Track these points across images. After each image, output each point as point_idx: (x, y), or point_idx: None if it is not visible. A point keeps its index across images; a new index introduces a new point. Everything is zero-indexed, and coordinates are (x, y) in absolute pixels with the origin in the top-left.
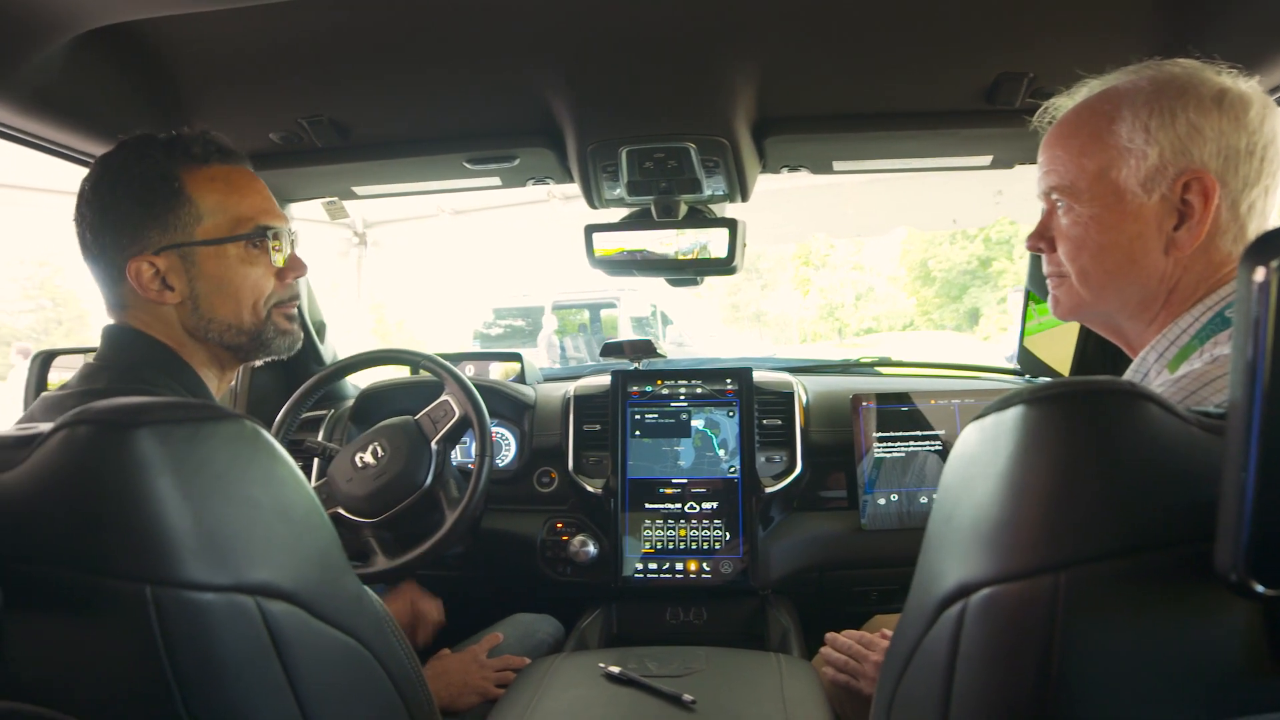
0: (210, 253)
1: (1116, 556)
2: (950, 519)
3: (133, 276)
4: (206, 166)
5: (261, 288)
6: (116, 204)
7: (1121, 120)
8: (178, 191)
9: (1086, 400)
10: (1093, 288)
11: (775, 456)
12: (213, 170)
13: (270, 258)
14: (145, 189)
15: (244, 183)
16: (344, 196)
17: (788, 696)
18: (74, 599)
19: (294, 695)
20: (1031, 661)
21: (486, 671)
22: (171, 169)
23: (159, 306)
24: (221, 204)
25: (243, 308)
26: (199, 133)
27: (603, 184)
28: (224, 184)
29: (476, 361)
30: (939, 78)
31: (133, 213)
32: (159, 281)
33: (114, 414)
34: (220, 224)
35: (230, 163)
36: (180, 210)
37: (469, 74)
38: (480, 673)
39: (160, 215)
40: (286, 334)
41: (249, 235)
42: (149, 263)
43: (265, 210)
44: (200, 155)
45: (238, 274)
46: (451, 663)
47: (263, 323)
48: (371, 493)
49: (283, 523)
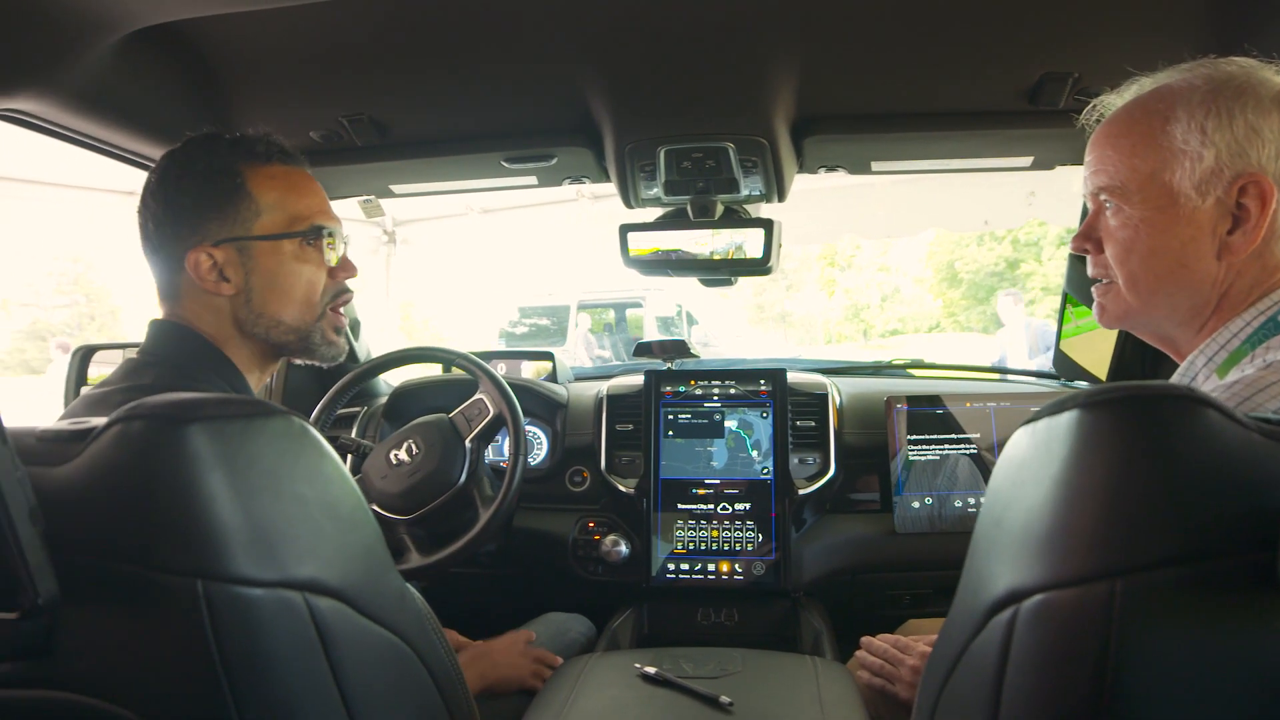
0: (267, 248)
1: (1175, 564)
2: (1000, 523)
3: (191, 267)
4: (268, 165)
5: (314, 285)
6: (180, 196)
7: (1176, 121)
8: (239, 187)
9: (1144, 405)
10: (1141, 294)
11: (808, 458)
12: (273, 169)
13: (324, 256)
14: (209, 183)
15: (303, 183)
16: (381, 195)
17: (825, 700)
18: (127, 592)
19: (339, 691)
20: (1085, 670)
21: (527, 661)
22: (235, 165)
23: (213, 298)
24: (280, 201)
25: (294, 303)
26: (262, 134)
27: (640, 183)
28: (284, 182)
29: (508, 360)
30: (982, 77)
31: (195, 205)
32: (216, 273)
33: (168, 409)
34: (278, 220)
35: (290, 164)
36: (241, 205)
37: (508, 73)
38: (521, 661)
39: (221, 208)
40: (332, 344)
41: (304, 233)
42: (207, 254)
43: (321, 211)
44: (263, 154)
45: (291, 270)
46: (495, 646)
47: (314, 322)
48: (406, 490)
49: (329, 519)
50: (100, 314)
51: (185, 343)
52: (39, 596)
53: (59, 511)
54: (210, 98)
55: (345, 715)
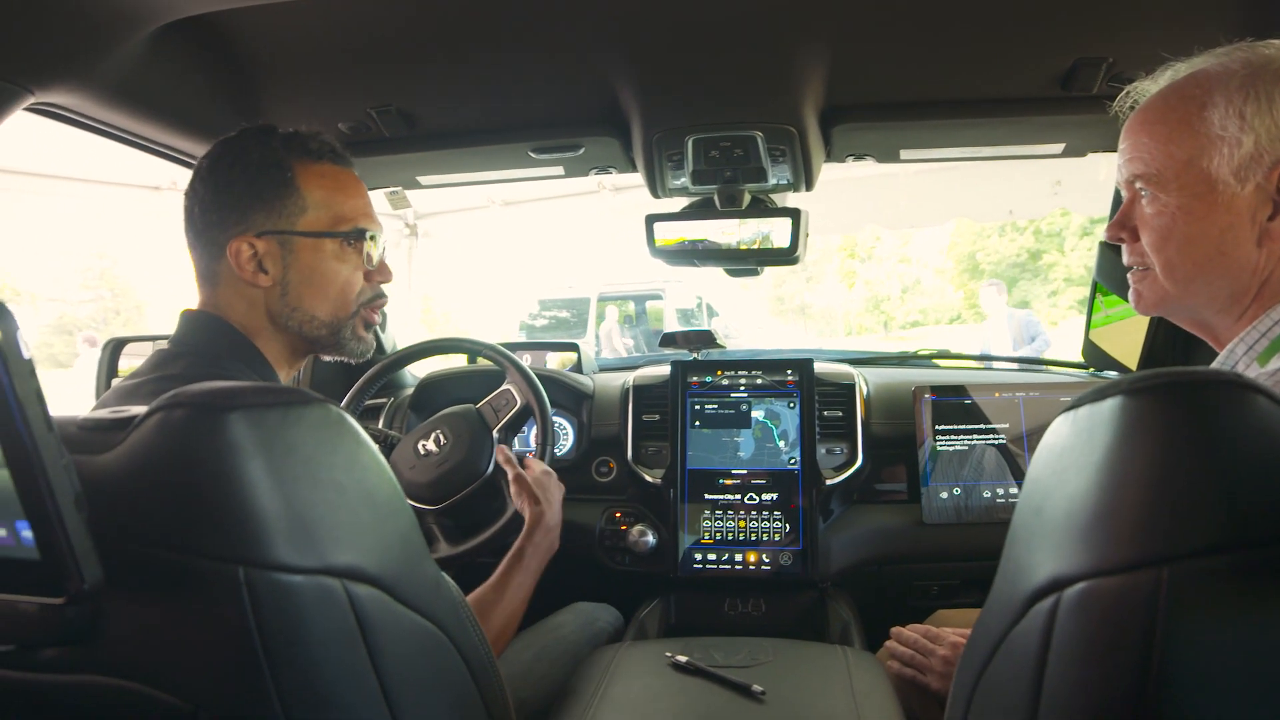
0: (308, 244)
1: (1223, 552)
2: (1040, 511)
3: (232, 255)
4: (319, 163)
5: (351, 285)
6: (230, 184)
7: (1213, 106)
8: (289, 181)
9: (1190, 390)
10: (1179, 281)
11: (836, 448)
12: (324, 168)
13: (363, 258)
14: (259, 174)
15: (350, 185)
16: (409, 186)
17: (857, 689)
18: (170, 579)
19: (378, 678)
20: (1130, 659)
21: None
22: (287, 159)
23: (249, 288)
24: (327, 200)
25: (329, 301)
26: (316, 132)
27: (667, 173)
28: (332, 182)
29: (533, 351)
30: (1014, 63)
31: (244, 194)
32: (255, 263)
33: (208, 397)
34: (322, 218)
35: (341, 164)
36: (288, 199)
37: (537, 63)
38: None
39: (268, 200)
40: (361, 340)
41: (347, 234)
42: (249, 244)
43: (365, 214)
44: (315, 152)
45: (330, 268)
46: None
47: (346, 320)
48: (434, 480)
49: (367, 507)
50: (126, 309)
51: (216, 333)
52: (85, 582)
53: (101, 499)
54: (240, 90)
55: (383, 702)
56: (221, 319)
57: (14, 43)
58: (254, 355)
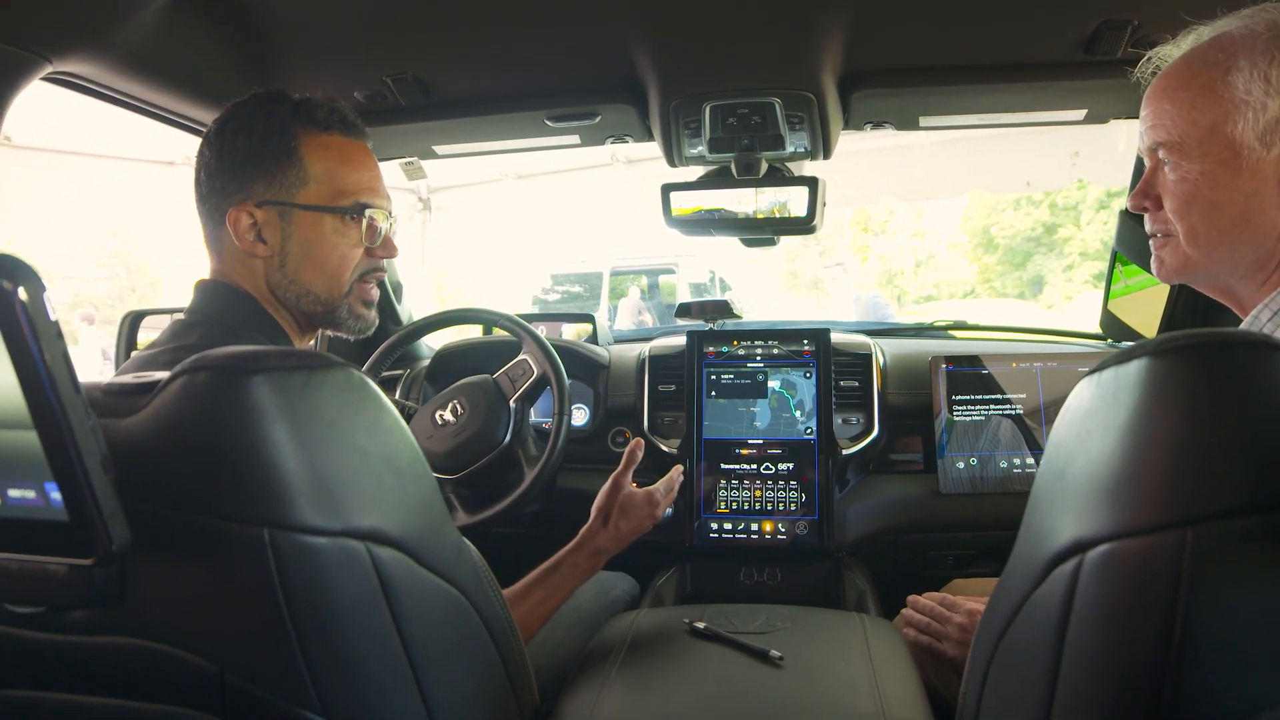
0: (307, 217)
1: (1248, 513)
2: (1063, 474)
3: (231, 223)
4: (325, 134)
5: (347, 260)
6: (233, 150)
7: (1238, 70)
8: (292, 151)
9: (1217, 351)
10: (1202, 248)
11: (852, 419)
12: (330, 139)
13: (363, 234)
14: (263, 142)
15: (357, 157)
16: (424, 156)
17: (874, 655)
18: (195, 541)
19: (400, 640)
20: (1154, 621)
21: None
22: (292, 128)
23: (249, 258)
24: (330, 173)
25: (325, 276)
26: (327, 99)
27: (684, 141)
28: (337, 154)
29: (548, 322)
30: (1037, 27)
31: (245, 162)
32: (254, 232)
33: (232, 361)
34: (323, 192)
35: (351, 135)
36: (289, 169)
37: (553, 30)
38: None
39: (268, 169)
40: (360, 318)
41: (346, 209)
42: (248, 213)
43: (370, 189)
44: (323, 121)
45: (327, 243)
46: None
47: (341, 297)
48: (451, 450)
49: (389, 471)
50: (140, 286)
51: (230, 301)
52: (113, 543)
53: (126, 462)
54: (256, 58)
55: (407, 663)
56: (236, 287)
57: (32, 12)
58: (269, 324)
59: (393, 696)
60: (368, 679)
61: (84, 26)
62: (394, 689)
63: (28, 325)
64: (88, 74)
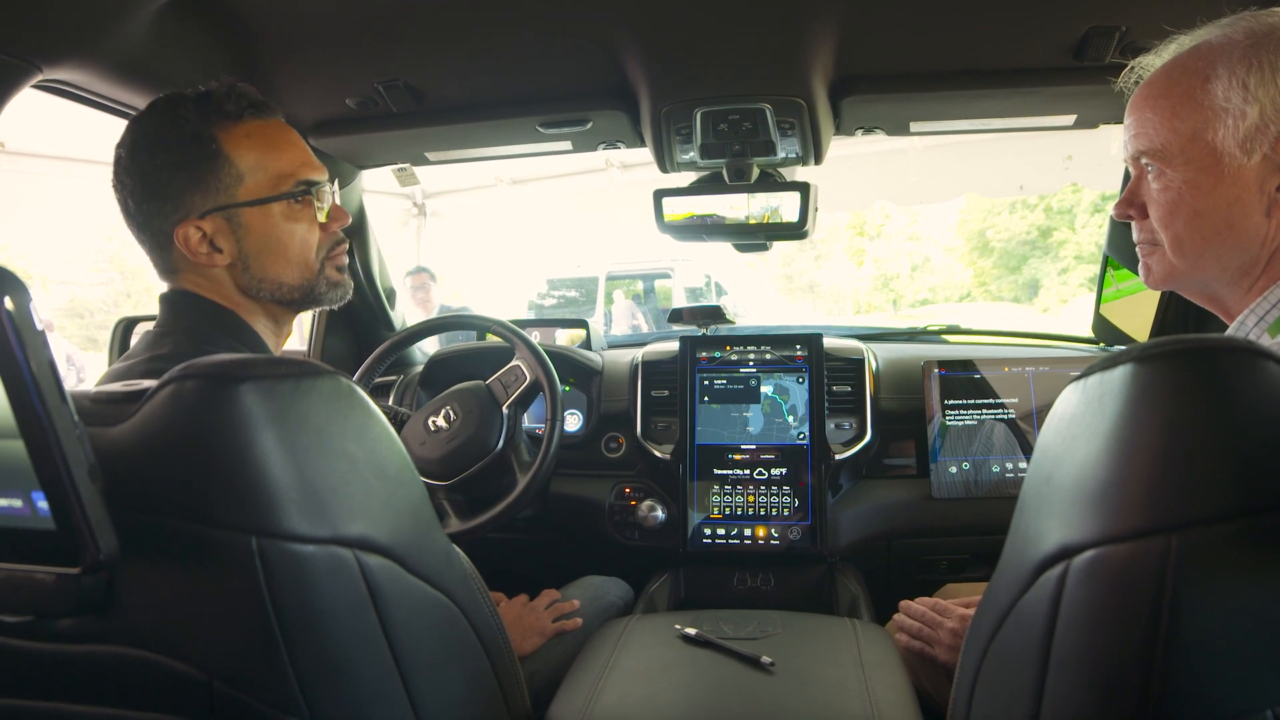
0: (255, 213)
1: (1233, 519)
2: (1050, 480)
3: (181, 242)
4: (241, 123)
5: (309, 243)
6: (156, 171)
7: (1217, 78)
8: (215, 153)
9: (1201, 357)
10: (1188, 256)
11: (845, 423)
12: (248, 126)
13: (314, 211)
14: (183, 152)
15: (280, 137)
16: (416, 162)
17: (866, 661)
18: (183, 549)
19: (389, 647)
20: (1139, 625)
21: (539, 613)
22: (206, 129)
23: (210, 269)
24: (260, 162)
25: (292, 264)
26: (228, 86)
27: (675, 147)
28: (261, 140)
29: (542, 328)
30: (1025, 32)
31: (174, 178)
32: (207, 245)
33: (220, 369)
34: (261, 183)
35: (264, 116)
36: (220, 172)
37: (544, 36)
38: (533, 615)
39: (200, 179)
40: (338, 285)
41: (291, 193)
42: (195, 227)
43: (304, 163)
44: (233, 112)
45: (284, 231)
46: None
47: (315, 277)
48: (444, 456)
49: (378, 478)
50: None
51: (196, 310)
52: (100, 552)
53: (115, 470)
54: (246, 65)
55: (396, 671)
56: (199, 295)
57: (21, 19)
58: (239, 326)
59: (381, 704)
60: (356, 687)
61: (74, 34)
62: (383, 696)
63: (14, 334)
64: (79, 81)
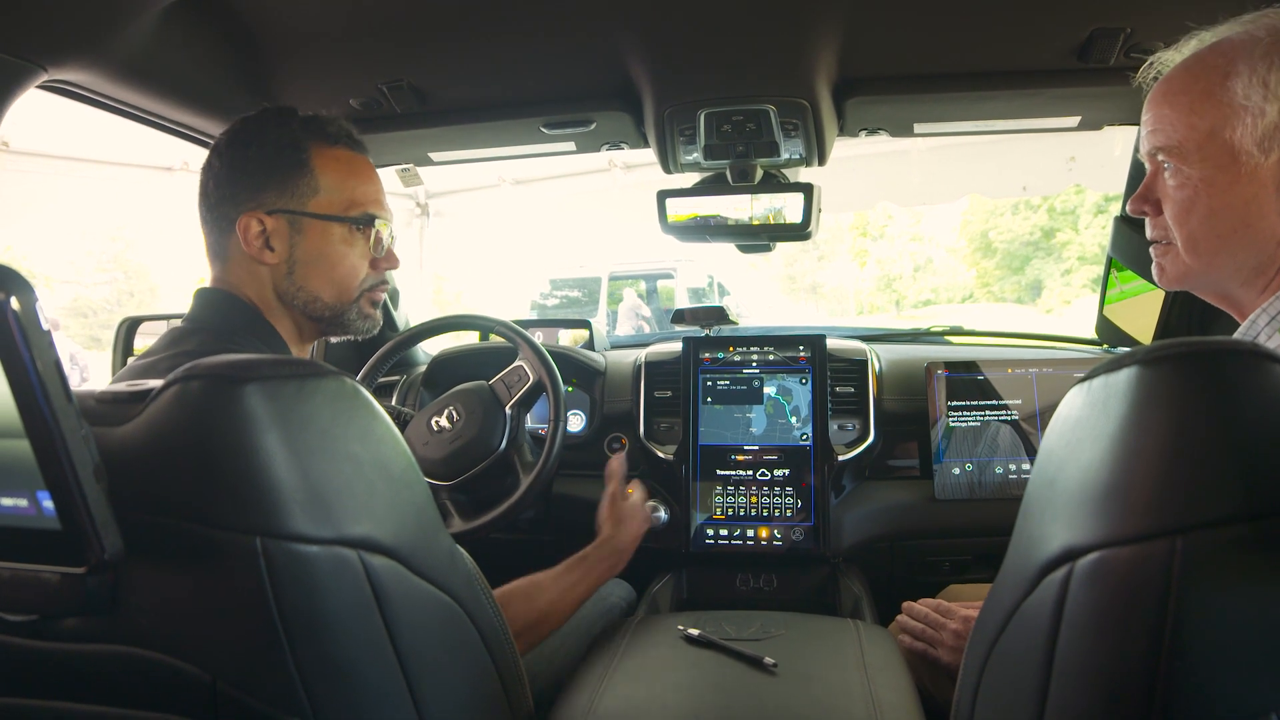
0: (317, 226)
1: (1238, 522)
2: (1053, 483)
3: (241, 230)
4: (334, 147)
5: (356, 270)
6: (246, 160)
7: (1237, 75)
8: (304, 162)
9: (1207, 360)
10: (1202, 255)
11: (848, 425)
12: (339, 152)
13: (369, 245)
14: (276, 153)
15: (364, 171)
16: (420, 163)
17: (869, 662)
18: (188, 549)
19: (394, 648)
20: (1143, 628)
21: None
22: (303, 140)
23: (256, 265)
24: (340, 184)
25: (333, 284)
26: (336, 117)
27: (679, 148)
28: (346, 167)
29: (545, 328)
30: (1029, 34)
31: (258, 171)
32: (262, 240)
33: (224, 369)
34: (334, 202)
35: (357, 150)
36: (301, 179)
37: (548, 37)
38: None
39: (281, 179)
40: (367, 318)
41: (356, 219)
42: (259, 220)
43: (376, 201)
44: (332, 136)
45: (336, 252)
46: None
47: (349, 304)
48: (447, 456)
49: (382, 479)
50: (139, 291)
51: (229, 309)
52: (105, 551)
53: (120, 470)
54: (252, 66)
55: (400, 672)
56: (236, 295)
57: (27, 20)
58: (268, 331)
59: (385, 705)
60: (360, 687)
61: (80, 35)
62: (387, 697)
63: (20, 334)
64: (84, 82)
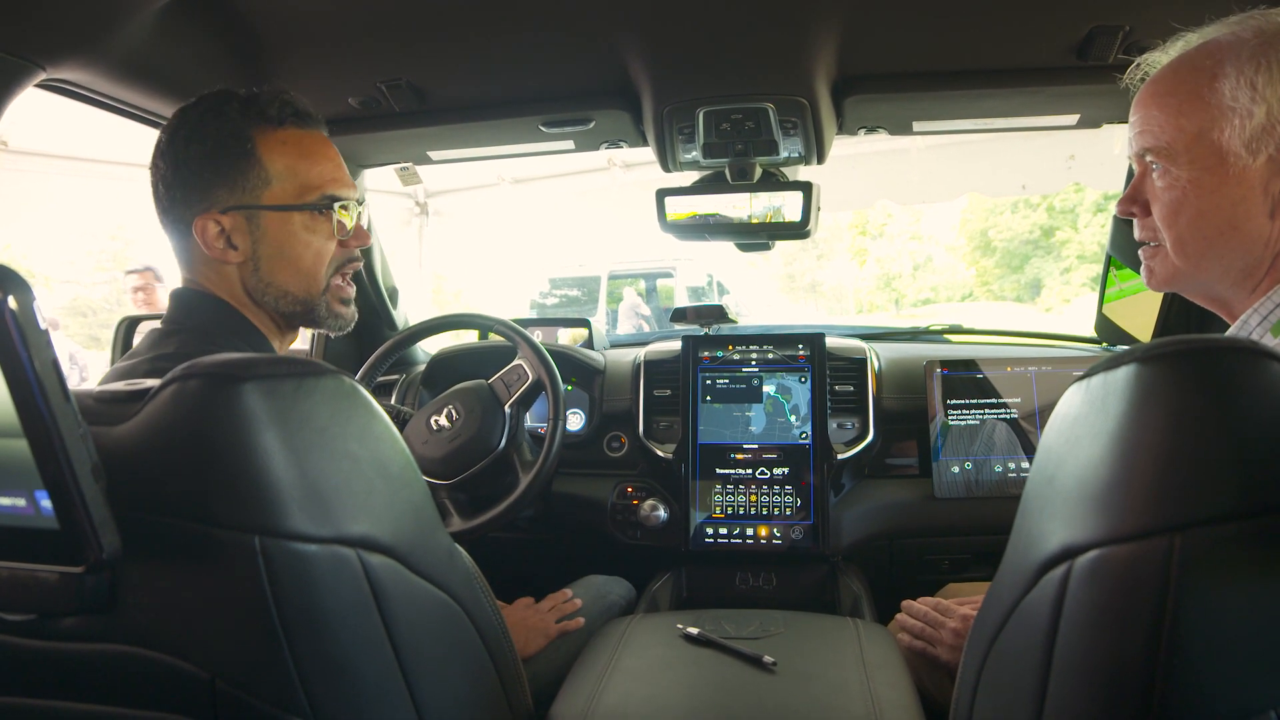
0: (275, 217)
1: (1236, 519)
2: (1052, 480)
3: (198, 233)
4: (280, 129)
5: (321, 256)
6: (189, 160)
7: (1224, 77)
8: (249, 153)
9: (1205, 358)
10: (1190, 257)
11: (847, 423)
12: (286, 133)
13: (334, 227)
14: (218, 147)
15: (316, 149)
16: (419, 161)
17: (868, 661)
18: (186, 548)
19: (392, 647)
20: (1142, 625)
21: (542, 614)
22: (245, 129)
23: (222, 265)
24: (291, 169)
25: (300, 275)
26: (276, 93)
27: (678, 146)
28: (295, 148)
29: (544, 327)
30: (1028, 32)
31: (203, 170)
32: (223, 240)
33: (223, 368)
34: (287, 190)
35: (305, 126)
36: (249, 172)
37: (547, 35)
38: (537, 616)
39: (229, 175)
40: (338, 316)
41: (313, 205)
42: (215, 221)
43: (334, 179)
44: (275, 117)
45: (299, 241)
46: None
47: (319, 294)
48: (446, 455)
49: (381, 477)
50: None
51: (206, 308)
52: (103, 551)
53: (118, 469)
54: (249, 65)
55: (398, 670)
56: (211, 294)
57: (24, 18)
58: (248, 328)
59: (384, 703)
60: (359, 686)
61: (77, 34)
62: (385, 696)
63: (17, 334)
64: (82, 81)
